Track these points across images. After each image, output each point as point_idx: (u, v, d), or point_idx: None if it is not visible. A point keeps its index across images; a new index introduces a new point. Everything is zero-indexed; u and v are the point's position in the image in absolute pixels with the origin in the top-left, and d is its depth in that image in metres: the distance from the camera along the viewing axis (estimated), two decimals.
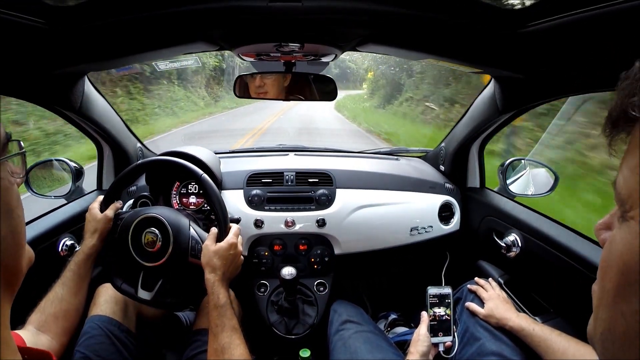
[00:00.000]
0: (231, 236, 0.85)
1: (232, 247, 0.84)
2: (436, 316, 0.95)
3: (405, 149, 1.73)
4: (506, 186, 1.22)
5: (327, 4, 0.67)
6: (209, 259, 0.81)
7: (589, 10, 0.54)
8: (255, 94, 1.09)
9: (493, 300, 0.93)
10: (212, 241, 0.84)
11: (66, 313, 0.79)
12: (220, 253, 0.82)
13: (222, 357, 0.72)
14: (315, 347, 1.05)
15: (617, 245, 0.27)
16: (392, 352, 0.96)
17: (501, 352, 0.82)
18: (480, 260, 1.21)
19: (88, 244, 0.86)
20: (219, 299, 0.78)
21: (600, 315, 0.29)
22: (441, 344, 0.92)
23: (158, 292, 0.86)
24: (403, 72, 10.24)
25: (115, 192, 0.93)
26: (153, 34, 0.79)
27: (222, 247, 0.83)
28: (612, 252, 0.27)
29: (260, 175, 1.25)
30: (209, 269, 0.81)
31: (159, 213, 0.85)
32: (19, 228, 0.31)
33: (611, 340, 0.27)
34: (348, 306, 1.13)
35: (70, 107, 0.97)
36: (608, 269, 0.28)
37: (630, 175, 0.26)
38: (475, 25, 0.70)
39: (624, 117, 0.26)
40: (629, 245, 0.25)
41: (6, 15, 0.58)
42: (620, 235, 0.27)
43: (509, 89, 0.96)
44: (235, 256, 0.85)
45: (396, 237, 1.24)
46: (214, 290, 0.78)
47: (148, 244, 0.84)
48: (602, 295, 0.28)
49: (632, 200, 0.25)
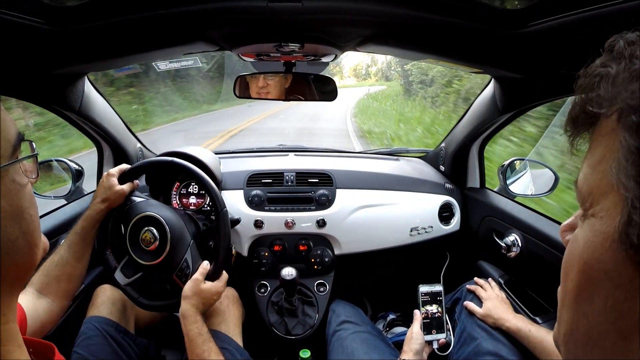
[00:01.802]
0: (221, 284, 0.86)
1: (218, 294, 0.85)
2: (429, 314, 0.96)
3: (405, 149, 1.73)
4: (506, 186, 1.22)
5: (327, 4, 0.67)
6: (192, 294, 0.81)
7: (589, 10, 0.54)
8: (255, 94, 1.09)
9: (491, 300, 0.93)
10: (202, 276, 0.83)
11: (69, 276, 0.79)
12: (205, 295, 0.82)
13: None
14: (316, 347, 1.05)
15: (578, 244, 0.26)
16: (390, 352, 0.96)
17: (498, 352, 0.82)
18: (480, 261, 1.21)
19: (96, 208, 0.84)
20: (202, 327, 0.79)
21: (562, 317, 0.28)
22: (435, 341, 0.93)
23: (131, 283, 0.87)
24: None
25: (136, 173, 0.92)
26: (153, 34, 0.79)
27: (209, 290, 0.83)
28: (573, 252, 0.27)
29: (261, 176, 1.25)
30: (187, 302, 0.80)
31: (165, 218, 0.86)
32: (31, 227, 0.31)
33: (574, 341, 0.27)
34: (346, 306, 1.13)
35: (70, 107, 0.97)
36: (569, 269, 0.27)
37: (591, 173, 0.25)
38: (475, 26, 0.70)
39: (584, 114, 0.26)
40: (589, 243, 0.25)
41: (6, 16, 0.58)
42: (581, 234, 0.26)
43: (509, 89, 0.96)
44: (215, 300, 0.85)
45: (396, 237, 1.24)
46: (197, 319, 0.79)
47: (147, 244, 0.84)
48: (564, 296, 0.28)
49: (592, 197, 0.25)
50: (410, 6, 0.66)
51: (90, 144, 1.24)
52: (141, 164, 0.94)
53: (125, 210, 0.88)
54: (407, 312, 1.38)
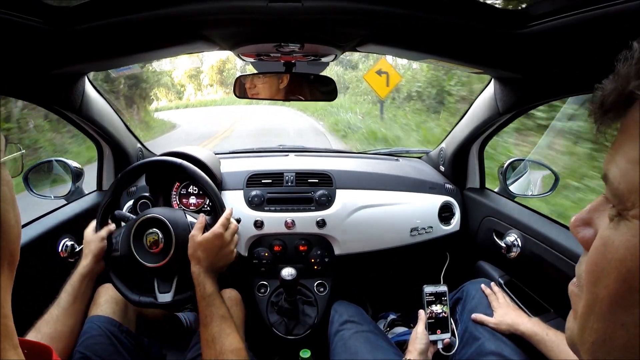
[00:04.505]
0: (217, 226, 0.82)
1: (217, 237, 0.81)
2: (433, 314, 0.96)
3: (405, 149, 1.73)
4: (506, 187, 1.22)
5: (327, 4, 0.67)
6: (193, 250, 0.80)
7: (590, 10, 0.54)
8: (254, 95, 1.09)
9: (501, 307, 0.93)
10: (198, 231, 0.82)
11: (61, 334, 0.78)
12: (205, 245, 0.80)
13: (214, 347, 0.71)
14: (316, 347, 1.05)
15: (616, 248, 0.24)
16: (393, 352, 0.96)
17: (500, 352, 0.82)
18: (480, 261, 1.21)
19: (82, 264, 0.85)
20: (205, 289, 0.77)
21: (591, 325, 0.26)
22: (440, 341, 0.92)
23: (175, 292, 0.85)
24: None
25: (105, 216, 0.90)
26: (153, 34, 0.79)
27: (207, 238, 0.80)
28: (608, 257, 0.24)
29: (260, 176, 1.25)
30: (194, 261, 0.80)
31: (159, 213, 0.85)
32: (19, 217, 0.33)
33: (606, 351, 0.25)
34: (349, 306, 1.13)
35: (70, 107, 0.97)
36: (602, 275, 0.24)
37: (632, 168, 0.23)
38: (476, 26, 0.70)
39: (623, 100, 0.24)
40: (632, 250, 0.22)
41: (5, 15, 0.58)
42: (619, 238, 0.24)
43: (509, 90, 0.96)
44: (221, 247, 0.82)
45: (396, 237, 1.24)
46: (200, 282, 0.77)
47: (151, 245, 0.83)
48: (594, 303, 0.26)
49: (633, 197, 0.22)
50: (410, 6, 0.66)
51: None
52: (138, 165, 0.93)
53: (114, 257, 0.86)
54: (407, 313, 1.38)
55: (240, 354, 0.72)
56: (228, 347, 0.71)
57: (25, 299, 0.76)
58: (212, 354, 0.71)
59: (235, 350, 0.71)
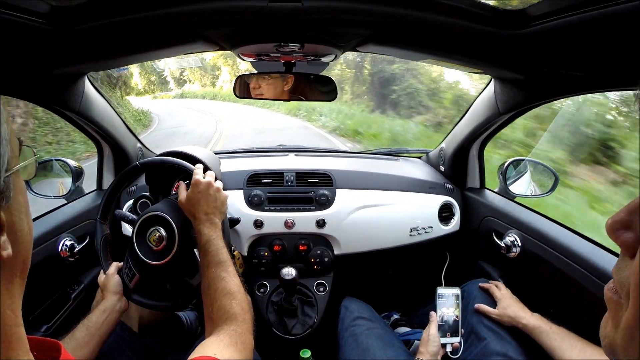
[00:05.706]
0: (193, 180, 0.82)
1: (196, 186, 0.81)
2: (445, 316, 0.95)
3: (405, 149, 1.73)
4: (506, 187, 1.22)
5: (327, 4, 0.67)
6: (185, 211, 0.80)
7: (591, 11, 0.54)
8: (255, 95, 1.09)
9: (505, 299, 0.93)
10: (182, 196, 0.82)
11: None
12: (191, 199, 0.80)
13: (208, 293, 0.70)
14: (315, 347, 1.05)
15: None
16: (403, 350, 0.96)
17: (505, 353, 0.82)
18: (480, 261, 1.21)
19: (104, 304, 0.83)
20: (201, 236, 0.77)
21: (638, 340, 0.24)
22: (449, 345, 0.92)
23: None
24: None
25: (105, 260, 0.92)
26: (153, 34, 0.79)
27: (189, 194, 0.81)
28: None
29: (261, 176, 1.25)
30: (190, 218, 0.80)
31: (161, 210, 0.85)
32: (31, 223, 0.33)
33: None
34: (359, 303, 1.12)
35: (70, 107, 0.97)
36: None
37: None
38: (476, 26, 0.70)
39: None
40: None
41: (6, 15, 0.58)
42: None
43: (510, 90, 0.96)
44: (207, 193, 0.81)
45: (396, 237, 1.24)
46: (197, 231, 0.77)
47: (155, 243, 0.83)
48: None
49: None
50: (410, 6, 0.66)
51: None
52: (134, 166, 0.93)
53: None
54: (408, 312, 1.38)
55: (234, 296, 0.70)
56: (221, 291, 0.70)
57: (25, 298, 0.76)
58: (207, 301, 0.71)
59: (228, 294, 0.70)
